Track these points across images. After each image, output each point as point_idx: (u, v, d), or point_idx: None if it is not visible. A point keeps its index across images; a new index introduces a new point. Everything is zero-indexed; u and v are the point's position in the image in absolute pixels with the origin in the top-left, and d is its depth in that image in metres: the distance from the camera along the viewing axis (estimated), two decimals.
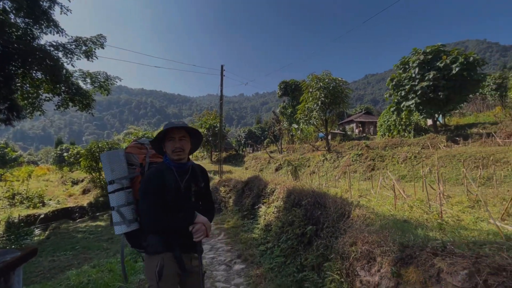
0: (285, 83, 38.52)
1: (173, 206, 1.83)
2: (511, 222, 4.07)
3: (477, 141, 13.39)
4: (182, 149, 1.88)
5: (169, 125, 1.90)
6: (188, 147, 1.97)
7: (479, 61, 15.92)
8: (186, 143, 1.93)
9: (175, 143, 1.86)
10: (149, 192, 1.78)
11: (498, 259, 1.58)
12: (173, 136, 1.88)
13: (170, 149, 1.87)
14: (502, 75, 34.79)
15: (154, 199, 1.77)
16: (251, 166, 28.93)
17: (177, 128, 1.88)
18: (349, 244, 2.73)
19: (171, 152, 1.87)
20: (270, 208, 7.44)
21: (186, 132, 1.95)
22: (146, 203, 1.77)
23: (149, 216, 1.75)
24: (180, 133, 1.89)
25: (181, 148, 1.88)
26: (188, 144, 1.95)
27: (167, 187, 1.81)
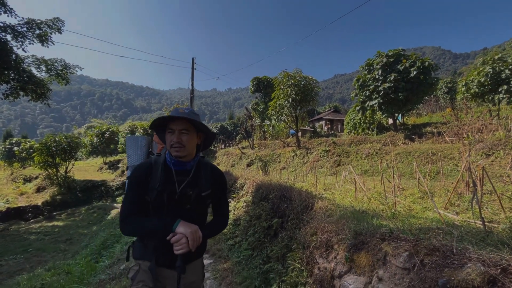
0: (257, 79, 38.66)
1: (156, 209, 1.57)
2: (452, 211, 4.55)
3: (430, 139, 14.70)
4: (181, 145, 1.55)
5: (173, 113, 1.56)
6: (192, 144, 1.62)
7: (433, 66, 17.39)
8: (190, 138, 1.58)
9: (174, 137, 1.56)
10: (128, 187, 1.60)
11: (434, 241, 1.77)
12: (172, 128, 1.56)
13: (168, 143, 1.59)
14: (453, 80, 38.54)
15: (131, 196, 1.57)
16: (222, 162, 28.74)
17: (178, 119, 1.54)
18: (310, 234, 2.86)
19: (169, 147, 1.59)
20: (239, 203, 7.49)
21: (191, 124, 1.58)
22: (123, 199, 1.59)
23: (120, 213, 1.54)
24: (181, 125, 1.55)
25: (180, 143, 1.55)
26: (192, 139, 1.60)
27: (150, 186, 1.56)
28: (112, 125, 50.83)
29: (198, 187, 1.64)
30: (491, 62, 17.91)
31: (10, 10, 13.05)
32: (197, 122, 1.56)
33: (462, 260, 1.45)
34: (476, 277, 1.29)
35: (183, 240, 1.42)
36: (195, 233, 1.47)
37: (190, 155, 1.65)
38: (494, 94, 17.43)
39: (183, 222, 1.49)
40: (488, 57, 19.08)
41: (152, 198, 1.56)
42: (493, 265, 1.34)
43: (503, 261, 1.37)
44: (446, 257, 1.55)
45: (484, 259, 1.38)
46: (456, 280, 1.34)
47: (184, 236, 1.43)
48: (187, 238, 1.43)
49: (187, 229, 1.45)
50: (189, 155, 1.64)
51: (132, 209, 1.55)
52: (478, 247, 2.24)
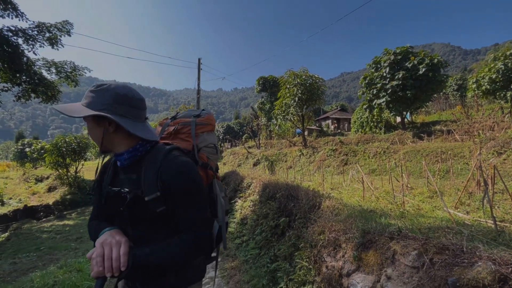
0: (263, 78, 38.63)
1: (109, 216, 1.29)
2: (463, 210, 4.48)
3: (439, 137, 14.45)
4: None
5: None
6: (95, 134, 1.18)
7: (442, 63, 17.08)
8: (89, 129, 1.19)
9: None
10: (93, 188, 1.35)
11: (443, 240, 1.76)
12: None
13: None
14: (463, 77, 37.71)
15: (95, 198, 1.36)
16: (229, 162, 28.85)
17: None
18: (317, 233, 2.87)
19: None
20: (246, 202, 7.52)
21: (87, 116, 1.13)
22: None
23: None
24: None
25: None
26: (92, 130, 1.19)
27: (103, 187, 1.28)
28: None
29: (139, 188, 1.15)
30: (503, 58, 17.45)
31: (22, 14, 13.39)
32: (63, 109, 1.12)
33: (472, 259, 1.44)
34: (486, 275, 1.28)
35: (97, 259, 1.02)
36: (108, 248, 1.04)
37: (118, 146, 1.20)
38: (506, 91, 16.99)
39: (110, 233, 1.11)
40: (499, 53, 18.59)
41: (99, 199, 1.30)
42: (504, 264, 1.32)
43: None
44: (456, 255, 1.54)
45: (495, 258, 1.37)
46: (466, 279, 1.33)
47: (100, 252, 1.04)
48: (103, 256, 1.03)
49: (107, 241, 1.06)
50: (112, 146, 1.20)
51: (95, 212, 1.35)
52: (490, 246, 2.21)
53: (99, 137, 1.16)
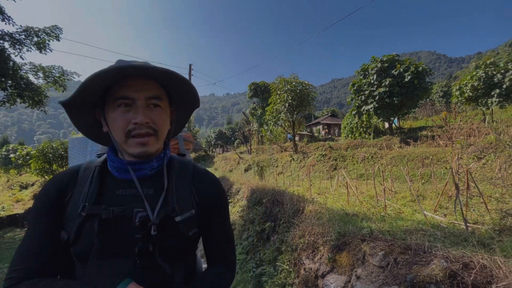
0: (255, 84, 38.98)
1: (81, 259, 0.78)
2: (441, 213, 4.66)
3: (425, 143, 14.87)
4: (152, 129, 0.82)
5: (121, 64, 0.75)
6: (166, 126, 0.89)
7: (427, 70, 17.68)
8: (164, 114, 0.86)
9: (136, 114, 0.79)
10: (29, 220, 0.84)
11: (408, 241, 1.88)
12: (129, 96, 0.78)
13: (122, 127, 0.79)
14: (448, 84, 39.03)
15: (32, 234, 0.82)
16: (220, 167, 28.77)
17: (141, 73, 0.79)
18: (298, 236, 2.96)
19: (123, 135, 0.80)
20: (235, 207, 7.56)
21: (162, 88, 0.86)
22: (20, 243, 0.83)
23: (7, 273, 0.76)
24: (148, 89, 0.81)
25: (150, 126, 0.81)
26: (167, 117, 0.89)
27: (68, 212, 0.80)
28: None
29: (168, 207, 0.83)
30: (484, 67, 18.24)
31: (8, 18, 13.22)
32: (174, 74, 0.80)
33: (429, 258, 1.56)
34: (439, 272, 1.40)
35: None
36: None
37: (158, 149, 0.88)
38: (487, 98, 17.71)
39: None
40: (481, 62, 19.43)
41: (72, 234, 0.76)
42: (455, 261, 1.44)
43: (465, 257, 1.48)
44: (417, 255, 1.66)
45: (448, 256, 1.49)
46: (422, 276, 1.44)
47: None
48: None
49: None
50: (158, 148, 0.88)
51: (30, 262, 0.77)
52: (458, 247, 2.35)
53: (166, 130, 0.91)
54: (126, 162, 0.84)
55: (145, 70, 0.75)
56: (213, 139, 60.00)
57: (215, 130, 63.82)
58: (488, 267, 1.37)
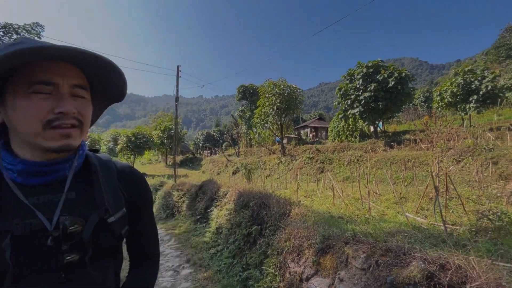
0: (243, 87, 39.05)
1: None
2: (422, 215, 4.81)
3: (408, 146, 15.37)
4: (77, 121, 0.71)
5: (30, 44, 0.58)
6: (90, 117, 0.77)
7: (409, 76, 18.35)
8: (87, 105, 0.74)
9: (57, 102, 0.66)
10: None
11: (389, 243, 1.92)
12: (51, 80, 0.66)
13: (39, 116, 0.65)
14: (430, 90, 40.57)
15: None
16: (208, 170, 28.53)
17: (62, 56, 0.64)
18: (284, 239, 2.97)
19: (41, 127, 0.65)
20: (222, 211, 7.50)
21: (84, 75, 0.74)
22: None
23: None
24: (71, 74, 0.69)
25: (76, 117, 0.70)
26: (90, 107, 0.76)
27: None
28: (92, 132, 49.40)
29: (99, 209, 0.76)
30: (462, 74, 19.09)
31: None
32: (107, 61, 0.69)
33: (409, 259, 1.60)
34: (417, 273, 1.44)
35: None
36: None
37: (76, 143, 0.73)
38: (465, 103, 18.52)
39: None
40: (459, 69, 20.32)
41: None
42: (433, 263, 1.49)
43: (442, 258, 1.52)
44: (397, 257, 1.70)
45: (426, 258, 1.53)
46: (401, 277, 1.48)
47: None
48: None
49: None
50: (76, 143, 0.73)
51: None
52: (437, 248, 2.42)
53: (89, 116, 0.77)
54: (36, 163, 0.69)
55: (76, 53, 0.63)
56: (201, 142, 59.47)
57: (203, 133, 63.32)
58: (463, 268, 1.42)
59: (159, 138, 32.84)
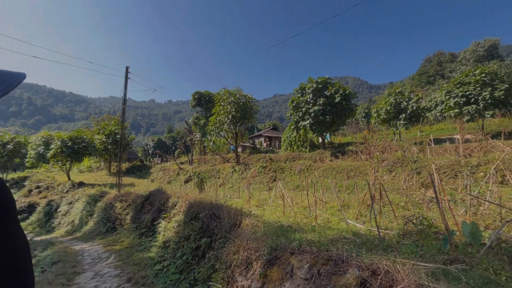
0: (199, 93, 38.30)
1: None
2: (361, 221, 5.26)
3: (351, 157, 16.86)
4: None
5: None
6: None
7: (352, 94, 20.37)
8: None
9: None
10: None
11: (329, 252, 2.02)
12: None
13: None
14: (369, 107, 45.53)
15: None
16: (158, 178, 26.84)
17: None
18: (233, 252, 2.91)
19: None
20: (170, 223, 7.08)
21: None
22: None
23: None
24: None
25: None
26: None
27: None
28: (18, 134, 42.29)
29: None
30: (394, 95, 21.96)
31: None
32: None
33: (346, 267, 1.70)
34: (352, 281, 1.54)
35: None
36: None
37: None
38: (396, 120, 21.28)
39: None
40: (392, 90, 23.36)
41: None
42: (366, 269, 1.61)
43: (374, 264, 1.66)
44: (337, 265, 1.80)
45: (360, 265, 1.65)
46: (339, 285, 1.56)
47: None
48: None
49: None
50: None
51: None
52: (371, 253, 2.64)
53: None
54: None
55: None
56: (151, 148, 55.95)
57: (154, 138, 59.75)
58: (391, 272, 1.57)
59: (102, 143, 29.77)
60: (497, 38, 50.93)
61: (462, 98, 17.80)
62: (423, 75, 59.12)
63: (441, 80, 50.80)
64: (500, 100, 16.55)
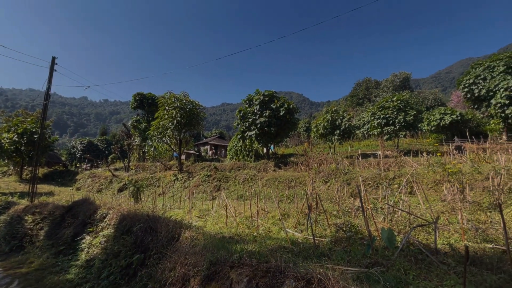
0: (141, 95, 35.65)
1: None
2: (299, 229, 5.55)
3: (292, 168, 17.83)
4: None
5: None
6: None
7: (296, 108, 21.81)
8: None
9: None
10: None
11: (269, 264, 2.05)
12: None
13: None
14: (309, 121, 49.39)
15: None
16: (85, 186, 23.58)
17: None
18: (169, 269, 2.71)
19: None
20: (97, 238, 6.23)
21: None
22: None
23: None
24: None
25: None
26: None
27: None
28: None
29: None
30: (330, 112, 24.38)
31: None
32: None
33: (283, 279, 1.74)
34: None
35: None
36: None
37: None
38: (332, 135, 23.57)
39: None
40: (329, 108, 25.90)
41: None
42: (301, 279, 1.68)
43: (308, 274, 1.74)
44: (275, 277, 1.82)
45: (296, 275, 1.71)
46: None
47: None
48: None
49: None
50: None
51: None
52: (307, 262, 2.77)
53: None
54: None
55: None
56: (79, 151, 49.19)
57: (84, 141, 52.72)
58: (323, 281, 1.67)
59: (13, 143, 24.72)
60: (409, 73, 62.05)
61: (383, 120, 20.93)
62: (354, 97, 67.63)
63: (368, 103, 58.74)
64: (410, 124, 20.01)
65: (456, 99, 38.96)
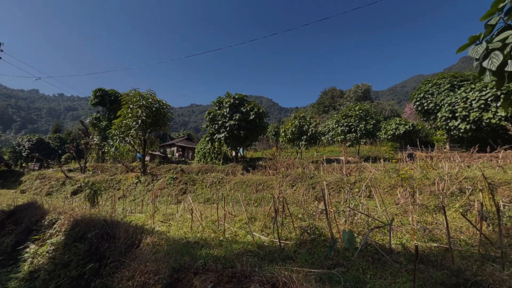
0: (102, 91, 33.30)
1: None
2: (265, 233, 5.59)
3: (260, 171, 17.99)
4: None
5: None
6: None
7: (265, 113, 22.12)
8: None
9: None
10: None
11: (234, 269, 2.02)
12: None
13: None
14: (278, 126, 50.43)
15: None
16: (32, 189, 21.20)
17: None
18: (127, 278, 2.53)
19: None
20: (44, 246, 5.61)
21: None
22: None
23: None
24: None
25: None
26: None
27: None
28: None
29: None
30: (298, 118, 25.18)
31: None
32: None
33: (249, 284, 1.73)
34: None
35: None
36: None
37: None
38: (299, 140, 24.34)
39: None
40: (297, 114, 26.75)
41: None
42: (267, 283, 1.67)
43: (274, 278, 1.75)
44: (240, 282, 1.80)
45: (262, 279, 1.71)
46: None
47: None
48: None
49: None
50: None
51: None
52: (272, 265, 2.78)
53: None
54: None
55: None
56: (26, 150, 44.18)
57: (32, 138, 47.48)
58: (288, 284, 1.68)
59: None
60: (369, 84, 66.99)
61: (346, 127, 22.23)
62: (320, 105, 70.95)
63: (333, 111, 62.02)
64: (370, 132, 21.53)
65: (409, 111, 43.04)
